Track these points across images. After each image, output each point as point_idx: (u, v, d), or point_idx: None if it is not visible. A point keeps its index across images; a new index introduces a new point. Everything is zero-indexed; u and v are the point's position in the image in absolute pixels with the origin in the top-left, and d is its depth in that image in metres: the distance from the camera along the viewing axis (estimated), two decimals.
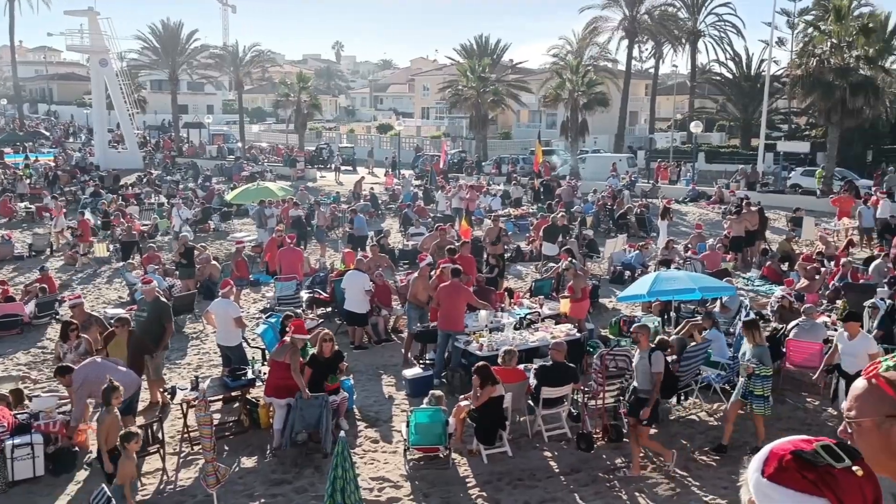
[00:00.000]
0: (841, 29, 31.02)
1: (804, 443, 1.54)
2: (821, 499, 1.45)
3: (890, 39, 36.35)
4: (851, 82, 29.35)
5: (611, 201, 27.17)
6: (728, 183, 32.87)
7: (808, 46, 33.52)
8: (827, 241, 19.85)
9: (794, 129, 48.30)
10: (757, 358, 8.86)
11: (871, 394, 1.85)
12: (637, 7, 48.50)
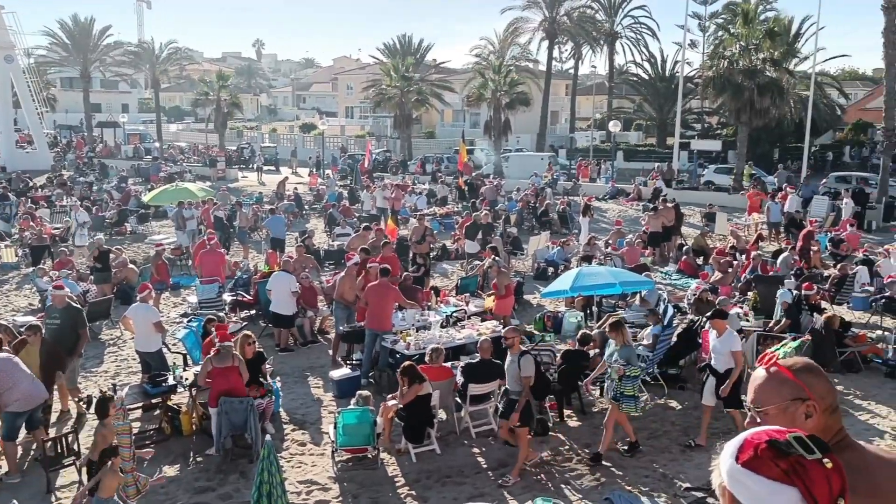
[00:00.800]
0: (748, 32, 32.44)
1: (777, 433, 1.61)
2: (791, 487, 1.52)
3: (793, 43, 38.27)
4: (759, 83, 30.74)
5: (534, 199, 27.63)
6: (645, 181, 33.87)
7: (719, 49, 34.94)
8: (738, 236, 20.71)
9: (707, 128, 50.21)
10: (625, 359, 8.79)
11: (772, 381, 1.97)
12: (556, 9, 49.45)
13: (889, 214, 25.52)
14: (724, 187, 33.11)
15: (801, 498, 1.52)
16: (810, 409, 1.93)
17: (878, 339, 12.56)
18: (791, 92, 33.50)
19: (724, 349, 8.98)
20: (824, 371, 2.08)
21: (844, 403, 10.55)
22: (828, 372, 10.58)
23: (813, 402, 1.95)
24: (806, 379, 1.99)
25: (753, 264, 16.27)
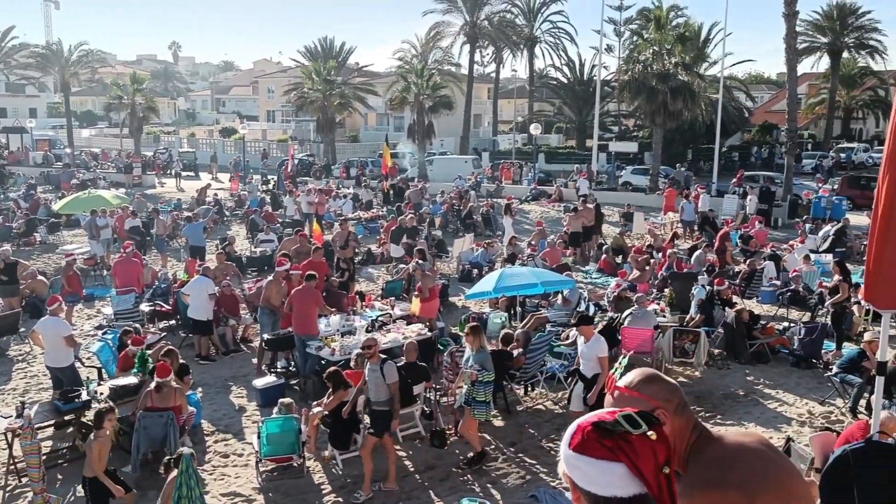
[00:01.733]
0: (661, 37, 33.54)
1: (609, 414, 1.71)
2: (618, 463, 1.61)
3: (703, 48, 39.77)
4: (671, 87, 31.83)
5: (458, 202, 27.84)
6: (566, 182, 34.58)
7: (634, 53, 35.98)
8: (655, 234, 21.40)
9: (624, 131, 51.67)
10: (479, 363, 8.66)
11: (621, 405, 2.11)
12: (477, 13, 49.95)
13: (793, 212, 26.82)
14: (640, 188, 34.15)
15: (629, 471, 1.62)
16: (661, 415, 2.05)
17: (784, 331, 13.18)
18: (702, 95, 34.81)
19: (591, 354, 8.88)
20: (661, 375, 2.20)
21: (754, 393, 11.06)
22: (739, 363, 11.12)
23: (660, 408, 2.06)
24: (647, 390, 2.12)
25: (669, 262, 16.84)
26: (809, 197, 27.86)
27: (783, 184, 28.96)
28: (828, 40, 52.23)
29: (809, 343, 12.01)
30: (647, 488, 1.62)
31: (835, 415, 10.16)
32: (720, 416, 10.25)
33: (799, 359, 12.09)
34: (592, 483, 1.65)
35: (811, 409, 10.37)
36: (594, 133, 38.69)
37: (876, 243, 4.19)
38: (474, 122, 56.74)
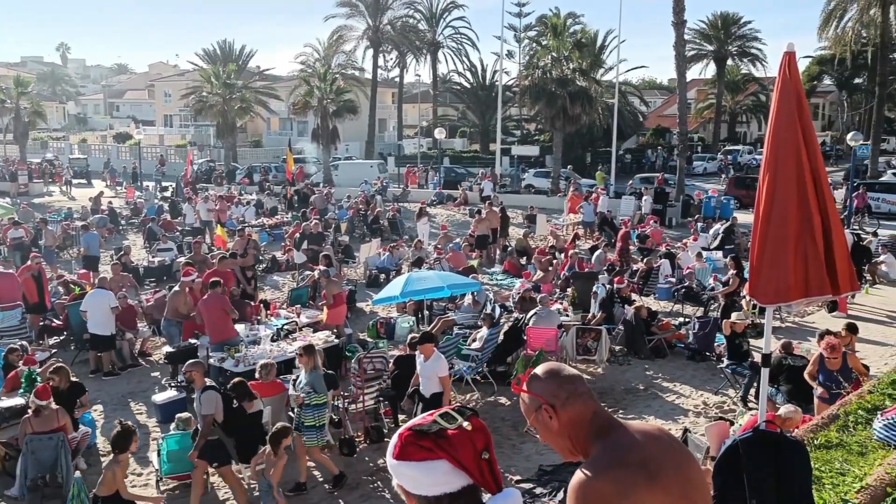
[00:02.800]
0: (559, 44, 34.49)
1: (428, 416, 1.78)
2: (439, 460, 1.68)
3: (599, 54, 41.12)
4: (570, 92, 32.75)
5: (364, 207, 27.73)
6: (471, 185, 35.00)
7: (533, 59, 36.86)
8: (557, 236, 21.95)
9: (526, 135, 52.78)
10: (310, 385, 8.20)
11: (522, 403, 2.26)
12: (379, 18, 49.94)
13: (686, 211, 28.10)
14: (543, 190, 34.95)
15: (451, 465, 1.71)
16: (548, 412, 2.15)
17: (680, 326, 13.78)
18: (599, 100, 35.99)
19: (430, 373, 8.52)
20: (557, 369, 2.28)
21: (653, 387, 11.50)
22: (638, 358, 11.50)
23: (545, 404, 2.16)
24: (534, 387, 2.22)
25: (571, 262, 17.30)
26: (701, 197, 29.24)
27: (676, 185, 30.28)
28: (713, 48, 55.09)
29: (703, 337, 12.60)
30: (471, 476, 1.70)
31: (727, 404, 10.68)
32: (622, 410, 10.60)
33: (694, 352, 12.67)
34: (420, 485, 1.72)
35: (706, 400, 10.87)
36: (497, 137, 39.30)
37: (758, 241, 4.46)
38: (379, 127, 56.66)
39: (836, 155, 54.67)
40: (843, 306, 14.24)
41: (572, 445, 2.16)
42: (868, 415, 4.25)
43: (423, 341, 8.85)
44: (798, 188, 4.30)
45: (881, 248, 18.09)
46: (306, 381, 8.28)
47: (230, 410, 7.94)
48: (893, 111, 64.38)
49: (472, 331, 12.56)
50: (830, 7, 41.51)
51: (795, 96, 4.39)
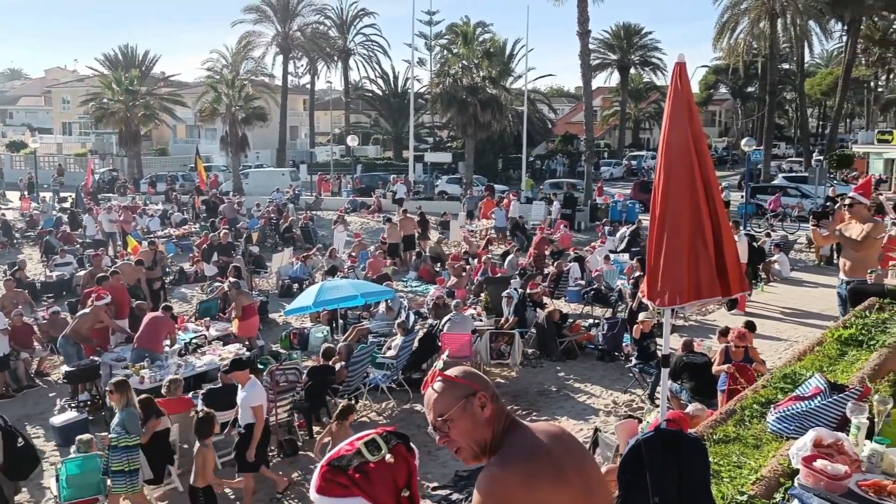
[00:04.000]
0: (469, 52, 34.92)
1: (349, 446, 1.75)
2: (355, 498, 1.66)
3: (508, 63, 41.81)
4: (481, 99, 33.21)
5: (276, 215, 27.26)
6: (385, 192, 34.94)
7: (444, 67, 37.19)
8: (470, 241, 22.16)
9: (439, 141, 53.09)
10: (121, 425, 7.44)
11: (445, 391, 2.20)
12: (289, 24, 49.28)
13: (594, 215, 28.88)
14: (456, 196, 35.24)
15: (367, 503, 1.70)
16: (482, 399, 2.17)
17: (590, 327, 14.13)
18: (509, 107, 36.63)
19: (244, 403, 7.95)
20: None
21: (566, 388, 11.75)
22: (550, 361, 11.71)
23: (482, 392, 2.18)
24: (469, 377, 2.25)
25: (484, 267, 17.50)
26: (608, 202, 30.12)
27: (584, 190, 31.11)
28: (617, 57, 57.03)
29: (611, 337, 12.97)
30: None
31: (636, 402, 11.02)
32: (536, 412, 10.79)
33: (603, 353, 13.02)
34: None
35: (616, 399, 11.19)
36: (410, 144, 39.40)
37: (654, 245, 4.64)
38: (291, 134, 55.83)
39: (733, 160, 57.45)
40: (742, 305, 14.93)
41: (491, 440, 2.18)
42: (762, 408, 4.46)
43: (233, 368, 8.31)
44: (690, 194, 4.50)
45: (774, 248, 19.08)
46: (117, 421, 7.52)
47: None
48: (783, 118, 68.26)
49: (387, 339, 12.53)
50: (724, 20, 43.68)
51: (686, 104, 4.59)
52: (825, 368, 5.13)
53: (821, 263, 19.70)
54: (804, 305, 15.22)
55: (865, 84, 64.80)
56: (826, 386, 4.20)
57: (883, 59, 59.35)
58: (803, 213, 24.83)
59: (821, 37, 48.00)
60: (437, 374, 2.27)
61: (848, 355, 5.50)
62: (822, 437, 3.40)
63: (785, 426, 4.11)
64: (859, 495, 3.06)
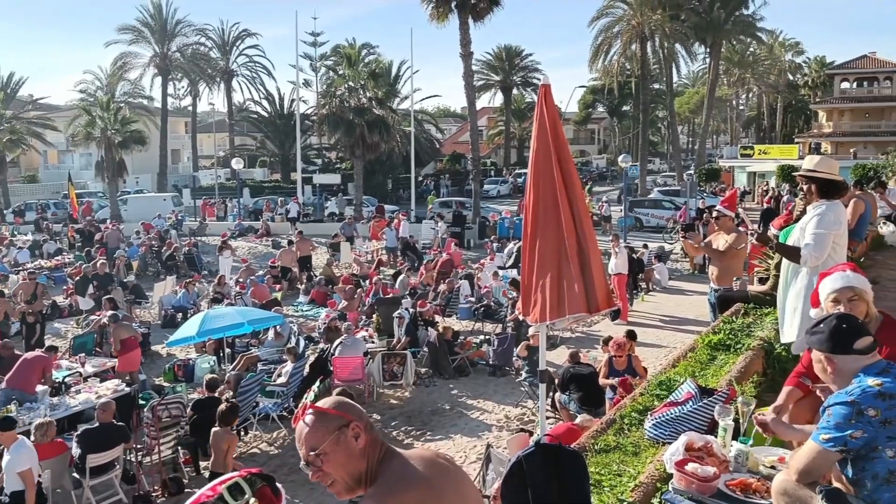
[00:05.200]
0: (354, 74, 34.95)
1: (211, 490, 1.69)
2: None
3: (394, 84, 42.15)
4: (367, 120, 33.25)
5: (158, 243, 26.19)
6: (272, 216, 34.27)
7: (331, 88, 37.02)
8: (361, 263, 22.02)
9: (327, 163, 52.68)
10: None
11: (317, 423, 2.15)
12: (167, 44, 47.77)
13: (482, 232, 29.39)
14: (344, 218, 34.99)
15: None
16: (356, 429, 2.15)
17: (481, 344, 14.31)
18: (396, 128, 36.85)
19: (9, 468, 7.03)
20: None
21: (459, 405, 11.83)
22: (443, 379, 11.75)
23: (355, 422, 2.16)
24: (342, 407, 2.21)
25: (375, 288, 17.44)
26: (495, 219, 30.71)
27: (472, 208, 31.62)
28: (500, 78, 58.61)
29: (502, 353, 13.17)
30: None
31: (527, 416, 11.22)
32: (430, 431, 10.79)
33: (495, 368, 13.20)
34: None
35: (508, 414, 11.35)
36: (298, 166, 38.89)
37: (527, 263, 4.77)
38: (172, 158, 53.96)
39: (612, 175, 59.97)
40: (625, 314, 15.55)
41: (366, 471, 2.15)
42: (640, 416, 4.63)
43: None
44: (556, 212, 4.67)
45: (653, 259, 20.01)
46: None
47: None
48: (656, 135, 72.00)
49: (277, 366, 12.25)
50: (598, 42, 45.78)
51: (552, 125, 4.76)
52: (697, 374, 5.41)
53: (695, 272, 20.81)
54: (681, 312, 16.01)
55: (728, 102, 69.46)
56: (697, 391, 4.42)
57: (742, 80, 63.93)
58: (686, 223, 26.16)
59: (686, 59, 51.19)
60: (308, 406, 2.22)
61: (717, 359, 5.82)
62: (693, 441, 3.58)
63: (661, 432, 4.29)
64: (727, 494, 3.22)
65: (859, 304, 3.39)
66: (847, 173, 19.60)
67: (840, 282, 3.49)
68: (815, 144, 50.50)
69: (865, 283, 3.48)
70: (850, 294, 3.42)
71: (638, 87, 48.14)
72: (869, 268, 10.63)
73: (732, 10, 46.09)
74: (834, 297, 3.48)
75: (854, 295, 3.41)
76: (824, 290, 3.59)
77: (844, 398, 2.63)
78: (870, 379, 2.65)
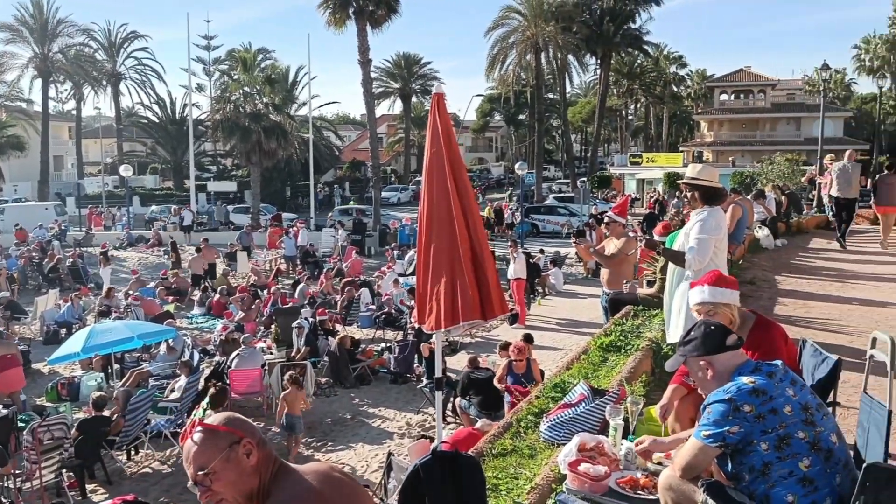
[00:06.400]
0: (250, 79, 34.23)
1: None
2: None
3: (292, 90, 41.55)
4: (264, 126, 32.62)
5: (39, 254, 24.74)
6: (165, 225, 33.04)
7: (225, 93, 36.11)
8: (258, 272, 21.53)
9: (223, 170, 51.29)
10: None
11: (206, 441, 2.09)
12: (48, 45, 45.33)
13: (383, 240, 29.34)
14: (242, 226, 34.11)
15: None
16: (248, 446, 2.10)
17: (382, 352, 14.26)
18: (294, 135, 36.32)
19: None
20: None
21: (360, 414, 11.74)
22: (344, 388, 11.66)
23: (247, 439, 2.11)
24: (232, 424, 2.15)
25: (274, 298, 17.09)
26: (396, 226, 30.73)
27: (373, 215, 31.52)
28: (399, 86, 58.75)
29: (403, 360, 13.18)
30: None
31: (428, 422, 11.25)
32: (331, 442, 10.66)
33: (396, 375, 13.19)
34: None
35: (409, 421, 11.36)
36: (191, 173, 37.68)
37: (421, 271, 4.81)
38: (55, 165, 51.16)
39: (510, 182, 61.17)
40: (522, 318, 15.87)
41: (258, 488, 2.09)
42: (536, 419, 4.73)
43: None
44: (449, 220, 4.72)
45: (549, 264, 20.52)
46: None
47: None
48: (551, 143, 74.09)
49: (170, 381, 11.79)
50: (494, 52, 46.68)
51: (445, 133, 4.81)
52: (590, 375, 5.59)
53: (589, 276, 21.47)
54: (576, 315, 16.49)
55: (618, 112, 72.26)
56: (589, 392, 4.57)
57: (631, 91, 66.68)
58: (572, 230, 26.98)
59: (579, 70, 52.97)
60: (197, 423, 2.15)
61: (609, 361, 6.04)
62: (586, 442, 3.69)
63: (555, 434, 4.41)
64: (618, 492, 3.34)
65: (720, 316, 3.58)
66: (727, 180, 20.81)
67: (697, 297, 3.72)
68: (698, 153, 53.24)
69: (723, 295, 3.68)
70: (707, 308, 3.63)
71: (533, 97, 49.35)
72: (746, 269, 11.32)
73: (621, 24, 48.12)
74: (696, 309, 3.70)
75: (711, 309, 3.62)
76: (690, 301, 3.85)
77: (722, 396, 2.78)
78: (744, 377, 2.81)
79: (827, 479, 2.67)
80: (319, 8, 31.73)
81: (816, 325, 7.97)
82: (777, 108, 55.94)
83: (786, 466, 2.67)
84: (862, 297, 9.44)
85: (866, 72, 52.30)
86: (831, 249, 13.93)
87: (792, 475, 2.66)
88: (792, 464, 2.67)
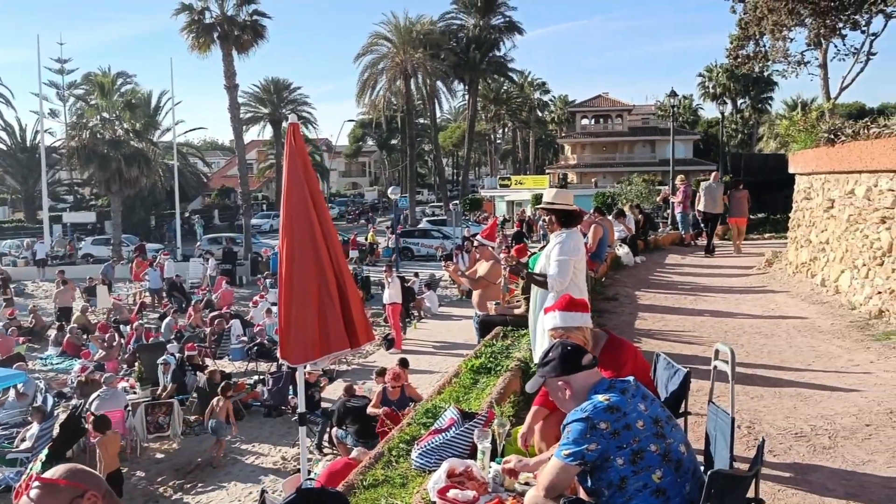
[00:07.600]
0: (108, 104, 32.63)
1: None
2: None
3: (154, 115, 39.95)
4: (125, 153, 31.14)
5: None
6: (14, 260, 30.75)
7: (81, 119, 34.20)
8: (120, 307, 20.39)
9: (81, 200, 48.38)
10: None
11: (45, 496, 1.94)
12: None
13: (255, 268, 28.56)
14: (103, 259, 32.25)
15: None
16: (93, 499, 1.98)
17: (255, 384, 13.81)
18: (158, 161, 34.85)
19: None
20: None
21: (233, 452, 11.29)
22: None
23: (91, 492, 1.99)
24: (74, 477, 2.03)
25: (137, 334, 16.23)
26: (268, 254, 29.99)
27: (244, 243, 30.66)
28: (269, 111, 57.60)
29: (277, 392, 12.82)
30: None
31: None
32: (201, 483, 10.18)
33: (270, 408, 12.80)
34: None
35: (284, 455, 11.03)
36: (44, 204, 35.29)
37: (284, 305, 4.71)
38: None
39: (384, 207, 61.35)
40: (399, 343, 15.86)
41: None
42: (408, 446, 4.71)
43: None
44: (313, 250, 4.67)
45: (423, 287, 20.66)
46: None
47: None
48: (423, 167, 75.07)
49: (20, 429, 10.91)
50: (365, 77, 46.88)
51: (302, 163, 4.77)
52: (461, 398, 5.64)
53: (463, 297, 21.79)
54: (451, 338, 16.64)
55: (487, 136, 74.29)
56: (459, 416, 4.61)
57: (498, 115, 68.79)
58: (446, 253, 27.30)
59: (447, 95, 54.03)
60: (34, 477, 2.00)
61: (480, 383, 6.13)
62: (455, 467, 3.72)
63: (426, 460, 4.41)
64: None
65: (573, 338, 3.74)
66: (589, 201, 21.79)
67: (550, 322, 3.90)
68: (563, 175, 55.50)
69: (573, 319, 3.86)
70: (560, 333, 3.80)
71: (404, 122, 49.87)
72: (609, 286, 11.87)
73: (486, 51, 49.69)
74: (550, 334, 3.88)
75: (564, 333, 3.79)
76: (545, 326, 4.03)
77: (580, 415, 2.87)
78: (600, 395, 2.92)
79: (678, 489, 2.81)
80: (182, 32, 30.76)
81: (673, 338, 8.45)
82: (633, 132, 59.41)
83: (640, 479, 2.78)
84: (713, 309, 10.11)
85: (710, 98, 56.44)
86: (686, 265, 14.86)
87: (646, 487, 2.77)
88: (646, 476, 2.78)
